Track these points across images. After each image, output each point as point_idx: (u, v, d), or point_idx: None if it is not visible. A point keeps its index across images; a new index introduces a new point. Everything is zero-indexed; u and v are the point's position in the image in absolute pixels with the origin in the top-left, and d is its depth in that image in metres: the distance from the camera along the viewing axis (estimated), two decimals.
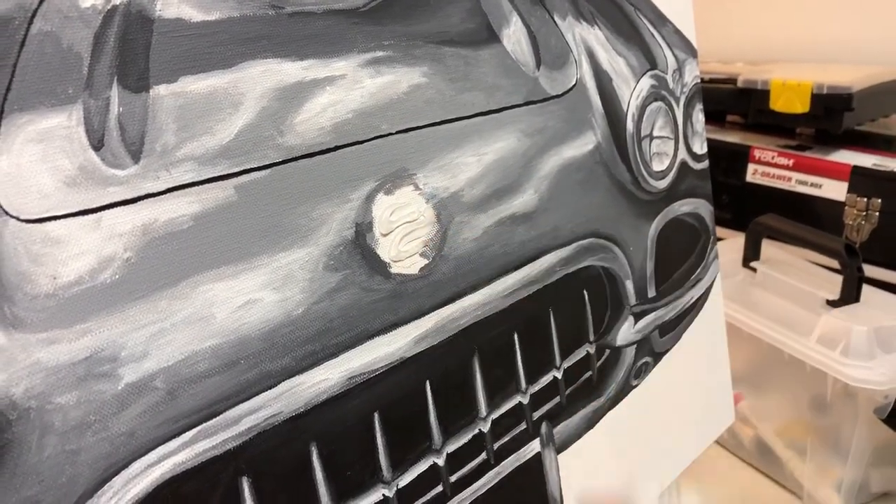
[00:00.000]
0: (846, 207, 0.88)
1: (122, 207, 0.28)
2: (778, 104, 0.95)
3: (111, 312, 0.27)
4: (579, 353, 0.48)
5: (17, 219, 0.25)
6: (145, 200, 0.28)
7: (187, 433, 0.29)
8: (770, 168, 0.98)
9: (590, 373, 0.49)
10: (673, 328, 0.56)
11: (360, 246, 0.35)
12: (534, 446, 0.44)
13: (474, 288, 0.40)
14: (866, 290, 0.73)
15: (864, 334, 0.66)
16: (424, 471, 0.38)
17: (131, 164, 0.28)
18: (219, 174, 0.30)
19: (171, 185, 0.29)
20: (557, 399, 0.46)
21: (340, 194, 0.34)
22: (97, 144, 0.27)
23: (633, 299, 0.51)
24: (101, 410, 0.27)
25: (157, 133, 0.29)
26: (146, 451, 0.28)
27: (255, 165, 0.31)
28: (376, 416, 0.36)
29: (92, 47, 0.27)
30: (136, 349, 0.28)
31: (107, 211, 0.27)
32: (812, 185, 0.94)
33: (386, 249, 0.36)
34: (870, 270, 0.78)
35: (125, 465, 0.28)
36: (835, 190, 0.91)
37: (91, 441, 0.27)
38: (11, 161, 0.25)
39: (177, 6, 0.29)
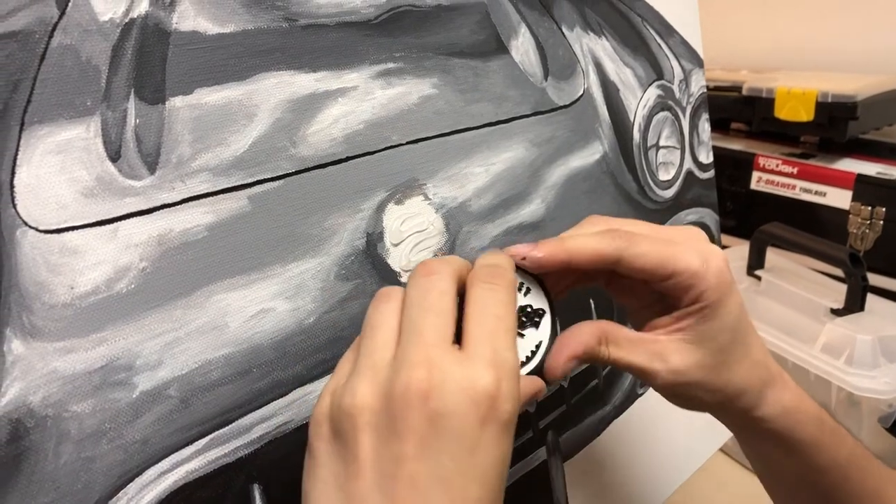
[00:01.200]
0: (850, 216, 0.89)
1: (139, 218, 0.28)
2: (783, 112, 0.95)
3: (127, 322, 0.28)
4: None
5: (36, 229, 0.26)
6: (161, 211, 0.29)
7: (200, 441, 0.30)
8: (774, 176, 0.98)
9: (596, 381, 0.49)
10: None
11: (370, 255, 0.35)
12: (540, 454, 0.44)
13: None
14: (870, 298, 0.73)
15: (869, 343, 0.66)
16: None
17: (147, 175, 0.28)
18: (233, 185, 0.31)
19: (186, 196, 0.29)
20: (563, 407, 0.46)
21: (352, 205, 0.34)
22: (114, 156, 0.28)
23: None
24: (116, 418, 0.27)
25: (173, 144, 0.29)
26: (160, 459, 0.29)
27: (269, 176, 0.32)
28: None
29: (110, 60, 0.28)
30: (151, 358, 0.28)
31: (123, 221, 0.28)
32: (816, 193, 0.94)
33: (396, 259, 0.36)
34: (874, 279, 0.78)
35: (139, 473, 0.28)
36: (839, 198, 0.91)
37: (106, 448, 0.27)
38: (31, 172, 0.26)
39: (193, 19, 0.30)
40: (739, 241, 0.97)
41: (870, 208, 0.87)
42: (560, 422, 0.46)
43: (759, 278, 0.81)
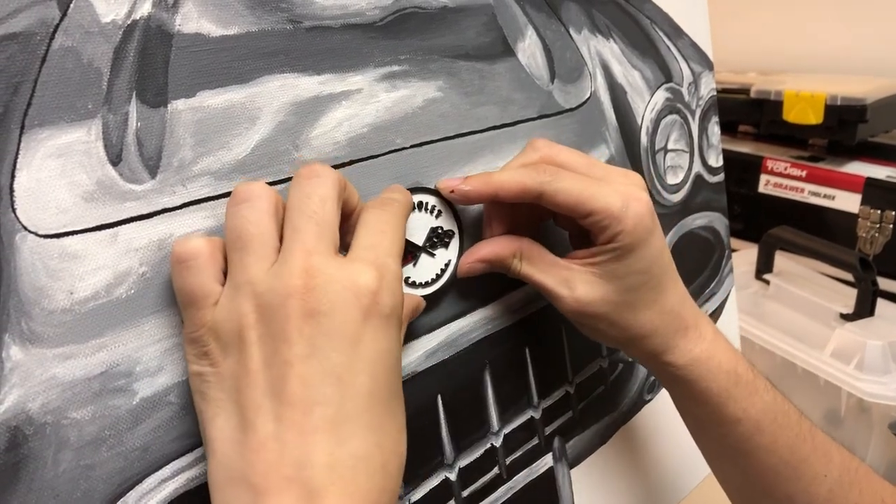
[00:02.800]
0: (859, 219, 0.88)
1: (139, 222, 0.28)
2: (791, 115, 0.94)
3: (126, 327, 0.27)
4: (592, 368, 0.47)
5: (36, 234, 0.25)
6: (161, 215, 0.28)
7: (200, 448, 0.29)
8: (782, 179, 0.98)
9: (602, 387, 0.48)
10: None
11: None
12: (546, 461, 0.44)
13: (484, 302, 0.40)
14: (880, 303, 0.72)
15: (879, 349, 0.66)
16: (437, 485, 0.38)
17: (148, 179, 0.28)
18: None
19: (186, 200, 0.29)
20: (570, 413, 0.46)
21: None
22: (115, 159, 0.27)
23: None
24: (116, 425, 0.27)
25: (175, 148, 0.29)
26: (160, 466, 0.28)
27: (271, 180, 0.31)
28: None
29: (112, 62, 0.27)
30: (151, 364, 0.28)
31: (123, 226, 0.27)
32: (825, 196, 0.93)
33: None
34: (884, 283, 0.77)
35: (139, 481, 0.28)
36: (848, 201, 0.90)
37: (106, 456, 0.27)
38: (31, 176, 0.25)
39: (196, 21, 0.29)
40: (747, 244, 0.97)
41: (879, 212, 0.86)
42: (567, 428, 0.45)
43: (767, 282, 0.81)
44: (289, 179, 0.32)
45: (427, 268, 0.36)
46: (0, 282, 0.25)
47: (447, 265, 0.37)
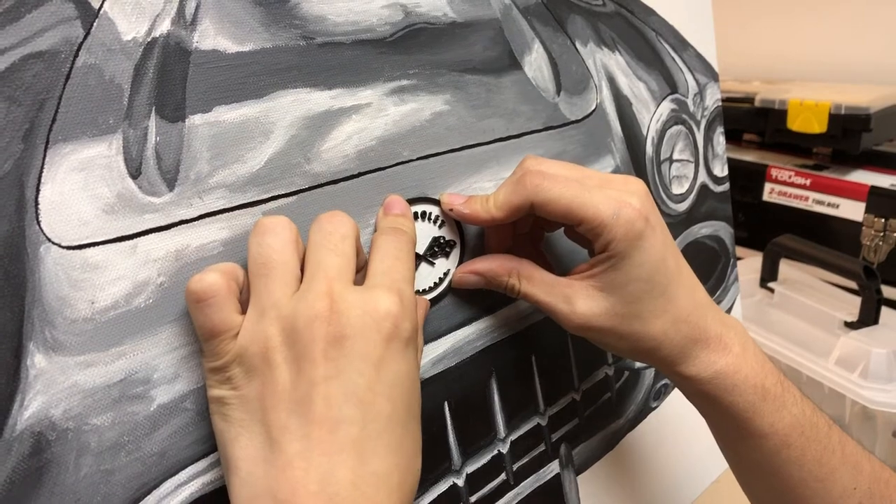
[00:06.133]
0: (864, 228, 0.88)
1: (157, 234, 0.29)
2: (795, 124, 0.95)
3: (145, 335, 0.28)
4: (598, 375, 0.48)
5: (59, 245, 0.26)
6: (179, 227, 0.29)
7: (215, 453, 0.30)
8: (787, 187, 0.98)
9: (609, 394, 0.49)
10: None
11: None
12: (553, 467, 0.44)
13: (490, 310, 0.41)
14: (885, 311, 0.73)
15: (884, 357, 0.66)
16: (445, 491, 0.38)
17: (166, 192, 0.29)
18: (248, 201, 0.31)
19: (203, 212, 0.30)
20: (576, 420, 0.46)
21: (361, 220, 0.35)
22: (135, 173, 0.28)
23: None
24: (134, 431, 0.28)
25: (192, 161, 0.30)
26: (176, 471, 0.29)
27: (283, 192, 0.32)
28: None
29: (132, 79, 0.28)
30: (168, 371, 0.29)
31: (142, 237, 0.28)
32: (829, 204, 0.93)
33: None
34: (888, 292, 0.77)
35: (157, 485, 0.28)
36: (852, 210, 0.91)
37: (125, 461, 0.28)
38: (55, 189, 0.26)
39: (213, 38, 0.30)
40: (751, 252, 0.97)
41: (883, 220, 0.86)
42: (573, 435, 0.46)
43: (772, 290, 0.81)
44: (300, 192, 0.33)
45: (425, 276, 0.37)
46: (25, 292, 0.26)
47: (446, 274, 0.38)
